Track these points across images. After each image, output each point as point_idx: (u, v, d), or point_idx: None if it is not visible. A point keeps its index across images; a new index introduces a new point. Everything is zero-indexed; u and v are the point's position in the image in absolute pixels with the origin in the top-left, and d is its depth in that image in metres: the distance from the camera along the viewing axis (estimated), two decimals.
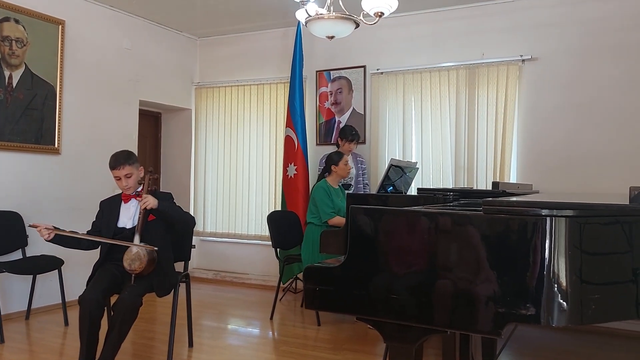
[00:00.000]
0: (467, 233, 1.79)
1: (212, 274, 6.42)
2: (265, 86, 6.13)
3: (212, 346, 3.87)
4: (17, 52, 4.59)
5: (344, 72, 5.72)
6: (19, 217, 4.48)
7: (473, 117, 5.07)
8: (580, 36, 4.71)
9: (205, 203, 6.46)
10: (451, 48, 5.20)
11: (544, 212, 1.73)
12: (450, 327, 1.83)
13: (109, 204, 3.41)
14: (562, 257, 1.71)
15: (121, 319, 2.96)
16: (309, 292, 2.02)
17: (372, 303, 1.92)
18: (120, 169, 3.26)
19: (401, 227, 1.90)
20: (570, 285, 1.70)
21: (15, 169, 4.59)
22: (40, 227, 3.11)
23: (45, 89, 4.81)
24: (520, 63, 4.89)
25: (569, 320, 1.70)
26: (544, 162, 4.82)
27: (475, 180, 5.03)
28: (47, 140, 4.84)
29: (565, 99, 4.76)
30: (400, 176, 4.32)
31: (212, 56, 6.55)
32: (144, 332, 4.20)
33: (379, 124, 5.48)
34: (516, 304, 1.71)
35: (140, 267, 3.11)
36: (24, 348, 3.79)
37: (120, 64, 5.61)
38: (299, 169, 5.40)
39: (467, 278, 1.78)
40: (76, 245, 3.28)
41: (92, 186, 5.06)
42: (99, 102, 5.37)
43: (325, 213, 4.40)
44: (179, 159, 6.63)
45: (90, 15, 5.27)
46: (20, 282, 4.53)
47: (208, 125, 6.48)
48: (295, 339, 4.09)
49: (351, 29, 3.36)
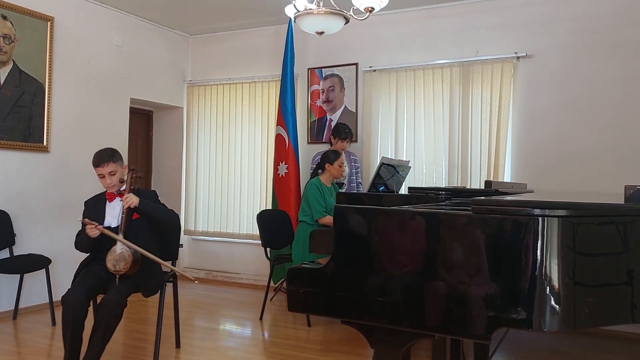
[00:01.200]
0: (454, 233, 1.74)
1: (204, 273, 6.36)
2: (257, 84, 6.07)
3: (201, 347, 3.81)
4: (4, 48, 4.51)
5: (336, 70, 5.66)
6: (7, 216, 4.42)
7: (467, 116, 5.02)
8: (576, 33, 4.66)
9: (197, 202, 6.39)
10: (445, 45, 5.15)
11: (535, 211, 1.67)
12: (436, 332, 1.78)
13: (94, 203, 3.34)
14: (554, 258, 1.65)
15: (105, 321, 2.91)
16: (292, 294, 1.96)
17: (357, 306, 1.86)
18: (104, 166, 3.20)
19: (387, 227, 1.84)
20: (562, 288, 1.65)
21: (3, 167, 4.52)
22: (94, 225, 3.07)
23: (33, 86, 4.74)
24: (515, 60, 4.84)
25: (562, 325, 1.64)
26: (539, 161, 4.77)
27: (469, 180, 4.98)
28: (36, 138, 4.77)
29: (560, 97, 4.71)
30: (392, 175, 4.26)
31: (204, 54, 6.48)
32: (133, 332, 4.14)
33: (371, 122, 5.42)
34: (507, 308, 1.65)
35: (125, 267, 3.06)
36: (11, 349, 3.72)
37: (111, 62, 5.53)
38: (290, 167, 5.34)
39: (454, 281, 1.72)
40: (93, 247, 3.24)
41: (82, 185, 4.98)
42: (89, 100, 5.29)
43: (317, 211, 4.34)
44: (170, 158, 6.56)
45: (80, 11, 5.19)
46: (8, 282, 4.46)
47: (200, 124, 6.41)
48: (286, 340, 4.03)
49: (341, 25, 3.30)
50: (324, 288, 1.91)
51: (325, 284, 1.91)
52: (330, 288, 1.91)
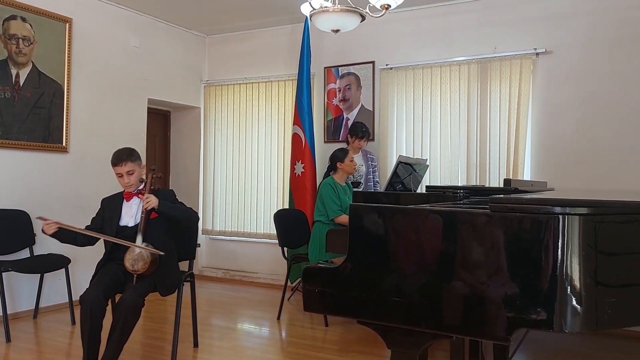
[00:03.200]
0: (473, 232, 1.70)
1: (221, 272, 6.37)
2: (273, 83, 6.07)
3: (218, 347, 3.81)
4: (24, 50, 4.56)
5: (352, 68, 5.63)
6: (27, 216, 4.46)
7: (485, 113, 4.95)
8: (597, 28, 4.56)
9: (214, 201, 6.41)
10: (462, 42, 5.08)
11: (556, 210, 1.62)
12: (455, 332, 1.74)
13: (111, 202, 3.36)
14: (575, 258, 1.61)
15: (123, 320, 2.92)
16: (308, 294, 1.93)
17: (373, 306, 1.83)
18: (122, 165, 3.22)
19: (403, 225, 1.81)
20: (584, 288, 1.60)
21: (22, 167, 4.57)
22: (50, 221, 3.09)
23: (52, 87, 4.79)
24: (534, 57, 4.76)
25: (583, 326, 1.60)
26: (559, 158, 4.69)
27: (488, 178, 4.92)
28: (55, 139, 4.82)
29: (581, 93, 4.62)
30: (410, 174, 4.22)
31: (220, 54, 6.49)
32: (151, 331, 4.16)
33: (388, 121, 5.38)
34: (527, 309, 1.61)
35: (143, 267, 3.07)
36: (31, 348, 3.76)
37: (129, 62, 5.57)
38: (306, 166, 5.32)
39: (472, 280, 1.68)
40: (71, 241, 3.27)
41: (100, 185, 5.01)
42: (107, 101, 5.34)
43: (332, 210, 4.31)
44: (188, 157, 6.59)
45: (98, 13, 5.24)
46: (28, 281, 4.51)
47: (217, 123, 6.44)
48: (303, 340, 4.02)
49: (357, 22, 3.27)
50: (339, 287, 1.89)
51: (340, 283, 1.89)
52: (345, 287, 1.88)
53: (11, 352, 3.64)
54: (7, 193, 4.44)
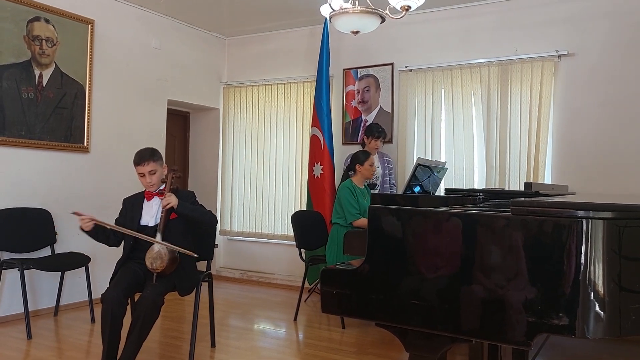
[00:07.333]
0: (493, 235, 1.68)
1: (239, 273, 6.40)
2: (292, 85, 6.08)
3: (235, 347, 3.82)
4: (47, 51, 4.64)
5: (371, 70, 5.61)
6: (49, 215, 4.53)
7: (505, 116, 4.90)
8: (620, 29, 4.49)
9: (233, 202, 6.44)
10: (482, 44, 5.04)
11: (579, 213, 1.60)
12: (474, 336, 1.72)
13: (132, 201, 3.40)
14: (599, 262, 1.58)
15: (142, 318, 2.94)
16: (326, 296, 1.93)
17: (391, 308, 1.82)
18: (145, 165, 3.25)
19: (422, 228, 1.80)
20: (607, 294, 1.57)
21: (45, 167, 4.64)
22: (85, 216, 3.10)
23: (74, 88, 4.86)
24: (556, 59, 4.70)
25: (606, 332, 1.57)
26: (581, 162, 4.62)
27: (508, 181, 4.86)
28: (77, 139, 4.89)
29: (604, 96, 4.55)
30: (429, 176, 4.19)
31: (239, 55, 6.53)
32: (169, 330, 4.19)
33: (407, 123, 5.35)
34: (548, 313, 1.59)
35: (161, 265, 3.08)
36: (51, 345, 3.81)
37: (149, 64, 5.63)
38: (325, 168, 5.32)
39: (492, 284, 1.66)
40: (104, 240, 3.29)
41: (121, 185, 5.07)
42: (128, 102, 5.40)
43: (350, 214, 4.30)
44: (207, 158, 6.64)
45: (119, 14, 5.30)
46: (49, 279, 4.58)
47: (235, 125, 6.47)
48: (319, 342, 4.01)
49: (377, 24, 3.26)
50: (357, 289, 1.88)
51: (358, 285, 1.88)
52: (363, 290, 1.87)
53: (32, 349, 3.69)
54: (29, 192, 4.51)
